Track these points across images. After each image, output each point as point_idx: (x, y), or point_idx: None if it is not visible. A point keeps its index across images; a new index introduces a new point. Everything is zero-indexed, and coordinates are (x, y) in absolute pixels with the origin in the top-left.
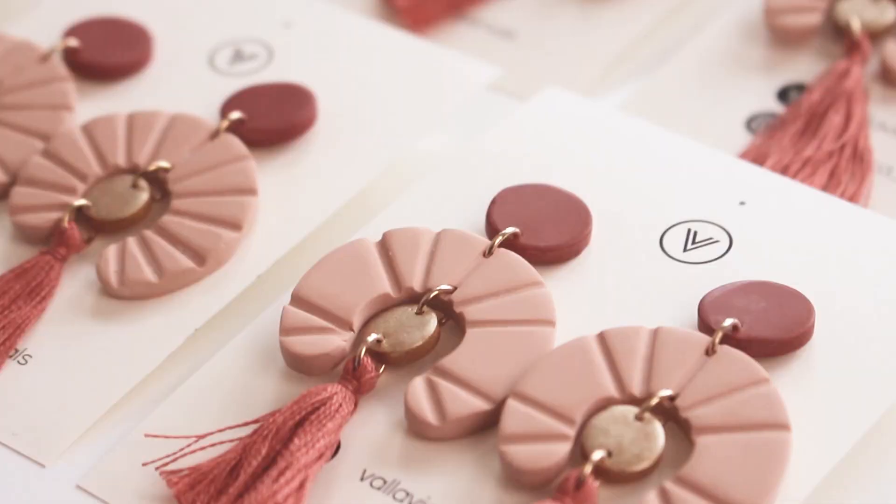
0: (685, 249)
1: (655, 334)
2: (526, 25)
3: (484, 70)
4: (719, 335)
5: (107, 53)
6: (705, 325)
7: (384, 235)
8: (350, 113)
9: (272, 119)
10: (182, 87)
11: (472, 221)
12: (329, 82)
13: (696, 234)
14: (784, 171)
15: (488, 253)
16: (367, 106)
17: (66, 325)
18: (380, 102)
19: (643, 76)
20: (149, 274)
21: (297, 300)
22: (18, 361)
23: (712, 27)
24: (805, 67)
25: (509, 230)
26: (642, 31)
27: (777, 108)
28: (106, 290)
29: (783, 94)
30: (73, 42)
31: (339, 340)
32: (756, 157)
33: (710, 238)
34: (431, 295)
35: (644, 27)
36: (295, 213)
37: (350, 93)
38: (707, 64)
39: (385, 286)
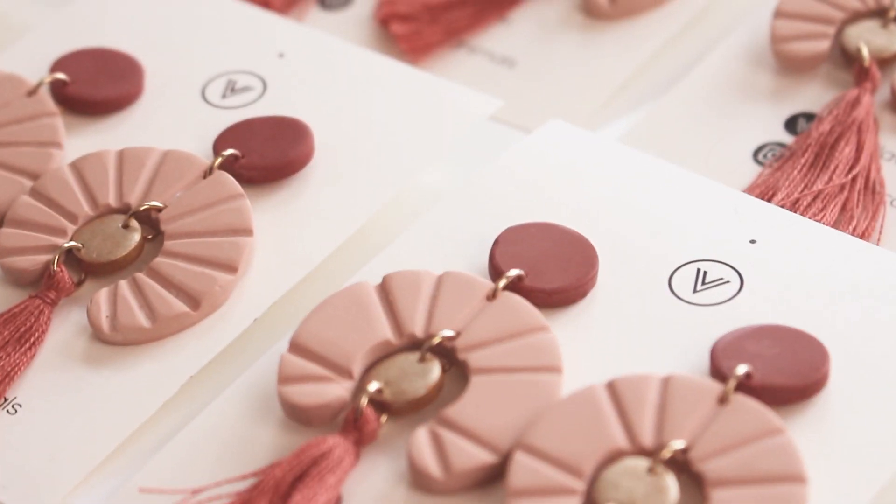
0: (695, 290)
1: (667, 383)
2: (526, 53)
3: (485, 102)
4: (732, 383)
5: (96, 87)
6: (717, 372)
7: (384, 279)
8: (348, 147)
9: (267, 155)
10: (174, 120)
11: (474, 261)
12: (325, 115)
13: (705, 274)
14: (794, 205)
15: (492, 297)
16: (365, 139)
17: (56, 373)
18: (378, 135)
19: (646, 104)
20: (141, 319)
21: (296, 347)
22: (8, 411)
23: (716, 54)
24: (813, 96)
25: (513, 273)
26: (645, 59)
27: (785, 138)
28: (97, 336)
29: (791, 124)
30: (61, 75)
31: (339, 390)
32: (765, 190)
33: (721, 278)
34: (434, 341)
35: (646, 55)
36: (292, 253)
37: (347, 126)
38: (712, 92)
39: (386, 332)
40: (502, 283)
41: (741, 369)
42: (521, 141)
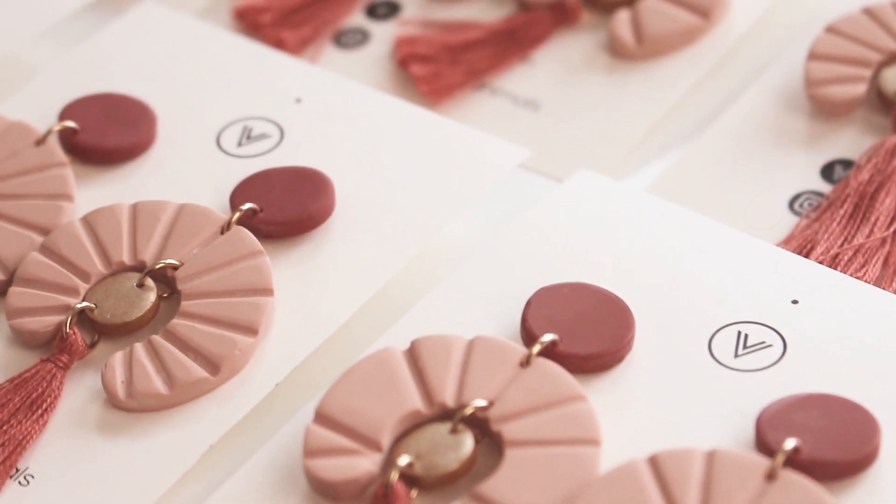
0: (736, 355)
1: (711, 458)
2: (550, 95)
3: (513, 151)
4: (781, 458)
5: (107, 135)
6: (764, 445)
7: (413, 344)
8: (370, 199)
9: (287, 209)
10: (188, 170)
11: (505, 322)
12: (346, 165)
13: (747, 337)
14: (834, 260)
15: (526, 363)
16: (388, 191)
17: (70, 441)
18: (402, 187)
19: (674, 150)
20: (158, 384)
21: (322, 418)
22: (20, 482)
23: (748, 97)
24: (850, 141)
25: (547, 338)
26: (673, 102)
27: (822, 186)
28: (112, 402)
29: (828, 171)
30: (71, 123)
31: (367, 463)
32: (802, 243)
33: (763, 342)
34: (466, 412)
35: (675, 98)
36: (313, 313)
37: (369, 176)
38: (744, 138)
39: (415, 402)
40: (536, 348)
41: (789, 443)
42: (550, 194)
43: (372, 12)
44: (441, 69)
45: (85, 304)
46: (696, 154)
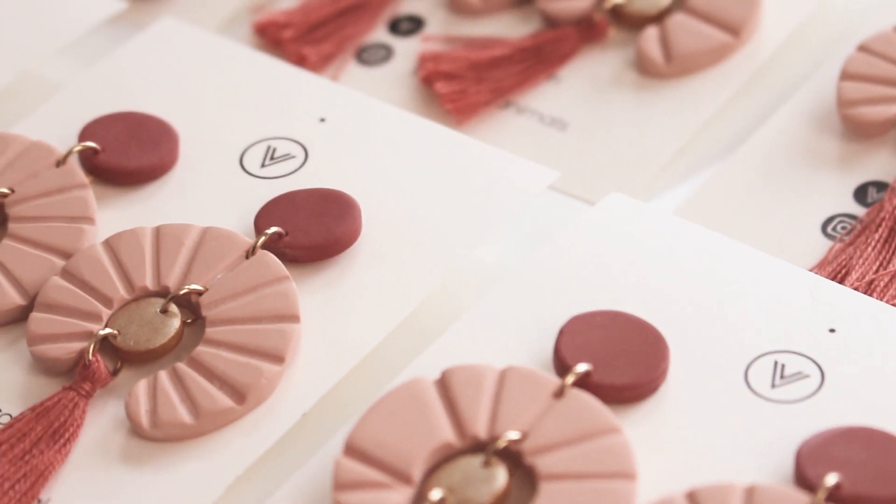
0: (773, 386)
1: (751, 494)
2: (577, 114)
3: (542, 173)
4: (822, 494)
5: (128, 155)
6: (804, 480)
7: (444, 375)
8: (397, 222)
9: (313, 233)
10: (211, 191)
11: (536, 350)
12: (372, 187)
13: (784, 367)
14: (869, 286)
15: (559, 394)
16: (416, 214)
17: (93, 471)
18: (429, 209)
19: (704, 170)
20: (183, 414)
21: (352, 450)
22: None
23: (778, 117)
24: (884, 163)
25: (581, 368)
26: (703, 121)
27: (855, 209)
28: (136, 432)
29: (861, 193)
30: (91, 143)
31: (398, 497)
32: (837, 269)
33: (800, 372)
34: (499, 444)
35: (704, 117)
36: (340, 340)
37: (396, 199)
38: (774, 159)
39: (447, 434)
40: (570, 379)
41: (831, 479)
42: (580, 217)
43: (395, 28)
44: (466, 87)
45: (108, 330)
46: (726, 175)
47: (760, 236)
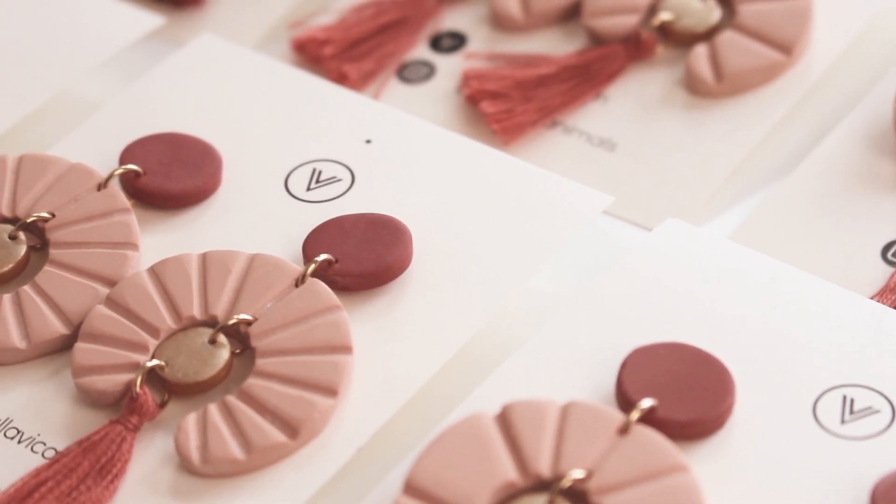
0: (842, 421)
1: None
2: (626, 134)
3: (596, 198)
4: None
5: (171, 178)
6: None
7: (504, 410)
8: (448, 247)
9: (363, 260)
10: (255, 215)
11: (597, 383)
12: (422, 212)
13: (853, 402)
14: None
15: (624, 431)
16: (468, 240)
17: None
18: (480, 234)
19: (757, 193)
20: (235, 449)
21: (412, 490)
22: None
23: (833, 138)
24: None
25: (646, 403)
26: (756, 143)
27: None
28: (186, 467)
29: None
30: (134, 166)
31: None
32: None
33: (870, 407)
34: (564, 483)
35: (757, 138)
36: (394, 372)
37: (446, 223)
38: (830, 181)
39: (510, 472)
40: (635, 415)
41: None
42: (637, 244)
43: (436, 44)
44: (513, 106)
45: (155, 362)
46: (780, 199)
47: (818, 262)
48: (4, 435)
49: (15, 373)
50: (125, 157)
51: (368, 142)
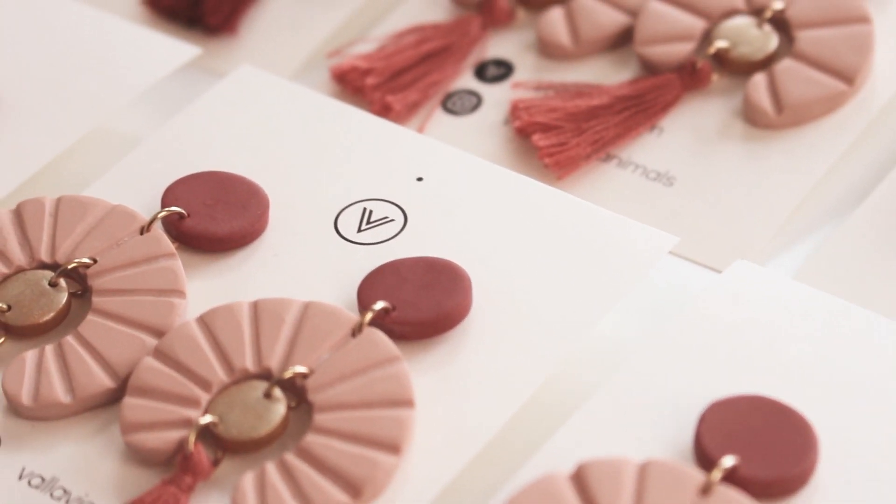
0: None
1: None
2: (683, 168)
3: (660, 238)
4: None
5: (216, 220)
6: None
7: (579, 470)
8: (508, 293)
9: (422, 307)
10: (305, 258)
11: (672, 436)
12: (478, 254)
13: None
14: None
15: (706, 491)
16: (528, 283)
17: None
18: (542, 279)
19: (821, 229)
20: None
21: None
22: None
23: None
24: None
25: (728, 462)
26: (819, 177)
27: None
28: None
29: None
30: (177, 208)
31: None
32: None
33: None
34: None
35: (820, 172)
36: (458, 426)
37: (505, 267)
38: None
39: None
40: (717, 475)
41: None
42: (706, 288)
43: (481, 73)
44: (566, 139)
45: (209, 418)
46: (847, 235)
47: (888, 301)
48: (51, 495)
49: (60, 429)
50: (167, 198)
51: (420, 179)
